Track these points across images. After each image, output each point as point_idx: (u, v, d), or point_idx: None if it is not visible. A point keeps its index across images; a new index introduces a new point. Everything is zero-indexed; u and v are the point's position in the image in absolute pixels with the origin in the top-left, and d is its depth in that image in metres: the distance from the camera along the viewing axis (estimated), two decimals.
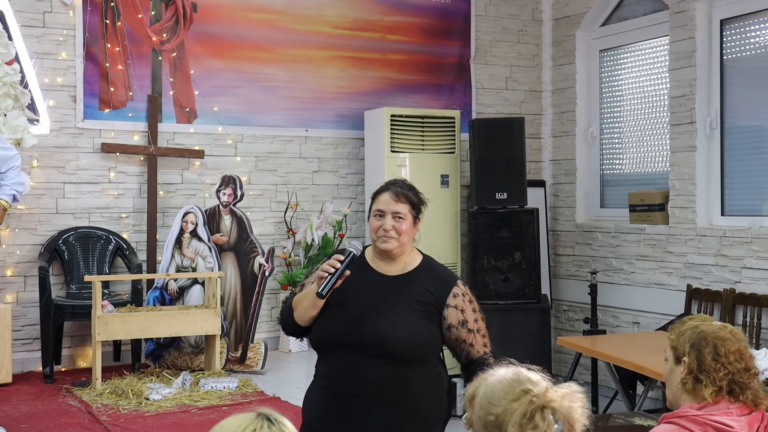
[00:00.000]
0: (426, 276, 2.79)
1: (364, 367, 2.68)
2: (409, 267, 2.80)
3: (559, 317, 6.81)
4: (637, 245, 6.13)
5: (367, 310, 2.72)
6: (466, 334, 2.75)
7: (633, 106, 6.45)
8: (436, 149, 6.24)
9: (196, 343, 5.48)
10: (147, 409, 4.48)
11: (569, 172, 6.83)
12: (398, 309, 2.72)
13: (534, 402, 1.69)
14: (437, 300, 2.75)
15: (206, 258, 5.51)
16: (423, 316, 2.74)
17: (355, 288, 2.75)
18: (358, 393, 2.65)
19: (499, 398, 1.72)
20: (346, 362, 2.71)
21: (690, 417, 2.13)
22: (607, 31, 6.61)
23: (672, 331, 2.29)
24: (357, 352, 2.68)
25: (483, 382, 1.79)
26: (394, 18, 6.54)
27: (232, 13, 6.05)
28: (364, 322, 2.70)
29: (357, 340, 2.68)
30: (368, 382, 2.68)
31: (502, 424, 1.69)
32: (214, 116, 5.99)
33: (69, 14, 5.58)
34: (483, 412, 1.73)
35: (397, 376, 2.69)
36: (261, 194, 6.14)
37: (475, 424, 1.74)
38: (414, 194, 2.82)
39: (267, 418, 1.50)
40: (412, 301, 2.74)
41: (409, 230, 2.77)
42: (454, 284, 2.79)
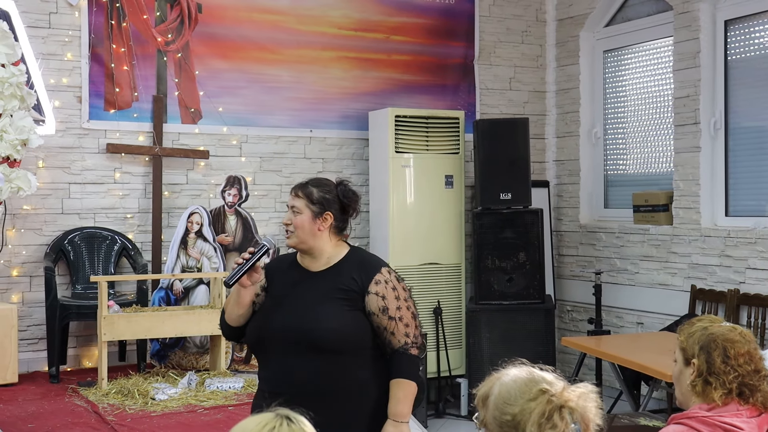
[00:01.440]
0: (350, 265, 2.78)
1: (296, 364, 2.69)
2: (333, 260, 2.80)
3: (563, 318, 6.82)
4: (641, 246, 6.14)
5: (292, 305, 2.75)
6: (387, 322, 2.72)
7: (637, 107, 6.46)
8: (440, 150, 6.25)
9: (201, 343, 5.49)
10: (153, 409, 4.49)
11: (573, 173, 6.84)
12: (321, 300, 2.73)
13: (552, 402, 1.70)
14: (360, 287, 2.74)
15: (211, 258, 5.52)
16: (346, 304, 2.73)
17: (282, 286, 2.81)
18: (296, 392, 2.57)
19: (516, 398, 1.72)
20: (278, 361, 2.73)
21: (699, 418, 2.13)
22: (611, 31, 6.63)
23: (681, 332, 2.29)
24: (287, 349, 2.69)
25: (496, 381, 1.80)
26: (398, 19, 6.55)
27: (236, 13, 6.06)
28: (288, 317, 2.72)
29: (284, 335, 2.70)
30: (303, 379, 2.67)
31: (519, 423, 1.70)
32: (218, 117, 6.00)
33: (74, 15, 5.59)
34: (498, 412, 1.73)
35: (332, 369, 2.68)
36: (266, 194, 6.15)
37: (489, 423, 1.75)
38: (320, 190, 2.80)
39: (286, 417, 1.51)
40: (335, 290, 2.73)
41: (305, 224, 2.76)
42: (377, 271, 2.76)
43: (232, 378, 5.04)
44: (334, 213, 2.79)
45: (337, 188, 2.84)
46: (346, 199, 2.83)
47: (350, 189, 2.87)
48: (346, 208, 2.84)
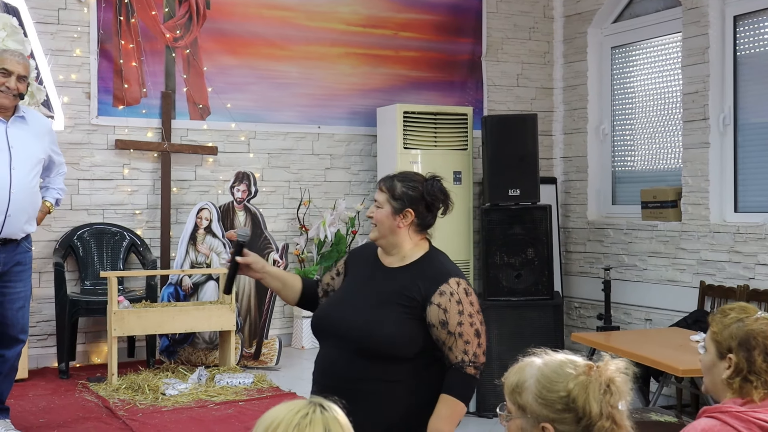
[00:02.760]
0: (420, 269, 2.70)
1: (340, 359, 2.65)
2: (408, 259, 2.73)
3: (571, 314, 6.81)
4: (650, 242, 6.13)
5: (352, 300, 2.71)
6: (446, 336, 2.60)
7: (645, 103, 6.45)
8: (448, 146, 6.25)
9: (210, 339, 5.49)
10: (164, 404, 4.49)
11: (581, 169, 6.83)
12: (382, 303, 2.66)
13: (602, 375, 1.71)
14: (422, 296, 2.63)
15: (220, 254, 5.53)
16: (404, 311, 2.63)
17: (355, 277, 2.79)
18: (334, 385, 2.52)
19: (566, 375, 1.72)
20: (326, 352, 2.72)
21: (734, 413, 2.09)
22: (619, 27, 6.62)
23: (714, 322, 2.23)
24: (335, 343, 2.67)
25: (525, 368, 1.79)
26: (406, 15, 6.55)
27: (245, 9, 6.06)
28: (344, 312, 2.69)
29: (335, 330, 2.68)
30: (342, 376, 2.63)
31: (577, 398, 1.69)
32: (227, 113, 6.00)
33: (83, 11, 5.59)
34: (546, 391, 1.72)
35: (372, 372, 2.60)
36: (274, 191, 6.15)
37: (530, 406, 1.74)
38: (404, 185, 2.73)
39: (320, 405, 1.50)
40: (398, 295, 2.65)
41: (384, 219, 2.71)
42: (444, 281, 2.64)
43: (242, 374, 5.04)
44: (416, 210, 2.71)
45: (424, 184, 2.74)
46: (430, 197, 2.73)
47: (438, 186, 2.75)
48: (431, 206, 2.74)
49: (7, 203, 3.84)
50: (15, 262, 3.97)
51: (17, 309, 3.98)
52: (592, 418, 1.69)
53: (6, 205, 3.84)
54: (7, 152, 3.87)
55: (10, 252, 3.94)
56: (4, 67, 3.88)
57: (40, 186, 4.20)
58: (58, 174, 4.31)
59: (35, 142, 4.01)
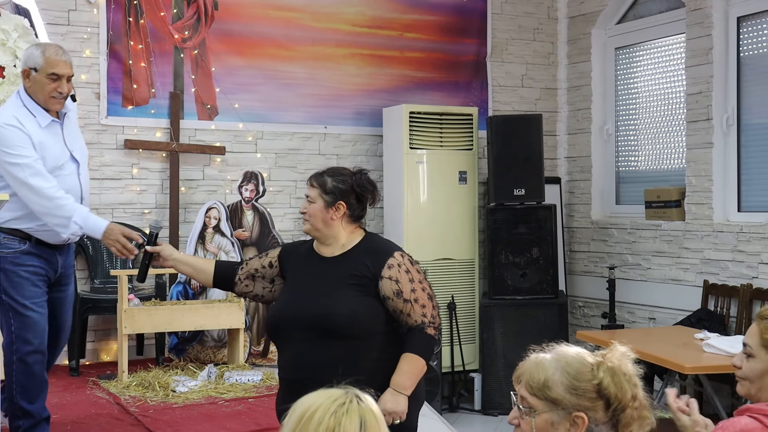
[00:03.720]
0: (363, 251, 2.87)
1: (308, 350, 2.75)
2: (348, 246, 2.89)
3: (575, 313, 6.86)
4: (653, 241, 6.18)
5: (306, 291, 2.84)
6: (402, 305, 2.79)
7: (649, 104, 6.51)
8: (454, 146, 6.30)
9: (219, 337, 5.55)
10: (174, 401, 4.55)
11: (584, 169, 6.89)
12: (334, 286, 2.81)
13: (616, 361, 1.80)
14: (372, 273, 2.81)
15: (229, 253, 5.58)
16: (358, 289, 2.80)
17: (296, 272, 2.92)
18: (310, 377, 2.56)
19: (590, 364, 1.80)
20: (292, 347, 2.81)
21: None
22: (623, 28, 6.67)
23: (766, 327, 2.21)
24: (300, 335, 2.77)
25: (543, 365, 1.83)
26: (411, 16, 6.61)
27: (252, 11, 6.11)
28: (302, 302, 2.81)
29: (296, 321, 2.78)
30: (316, 364, 2.73)
31: (608, 386, 1.78)
32: (234, 113, 6.05)
33: (93, 12, 5.65)
34: (577, 382, 1.79)
35: (344, 354, 2.73)
36: (281, 190, 6.21)
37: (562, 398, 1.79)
38: (334, 180, 2.89)
39: (356, 395, 1.54)
40: (348, 276, 2.82)
41: (317, 213, 2.87)
42: (390, 255, 2.83)
43: (250, 371, 5.10)
44: (347, 202, 2.87)
45: (353, 177, 2.91)
46: (359, 189, 2.90)
47: (366, 178, 2.93)
48: (361, 197, 2.91)
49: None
50: (70, 264, 3.94)
51: (68, 311, 3.97)
52: (624, 403, 1.78)
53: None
54: (71, 159, 3.73)
55: (67, 254, 3.87)
56: (54, 71, 3.61)
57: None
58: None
59: (80, 135, 3.91)
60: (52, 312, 3.82)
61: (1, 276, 3.66)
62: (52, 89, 3.61)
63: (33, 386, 3.71)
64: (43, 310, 3.69)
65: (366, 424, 1.51)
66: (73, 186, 3.71)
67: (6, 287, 3.65)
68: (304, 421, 1.50)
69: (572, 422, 1.78)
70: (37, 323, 3.67)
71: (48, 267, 3.74)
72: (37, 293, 3.67)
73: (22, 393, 3.69)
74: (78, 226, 3.59)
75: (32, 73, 3.63)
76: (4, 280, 3.66)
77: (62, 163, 3.67)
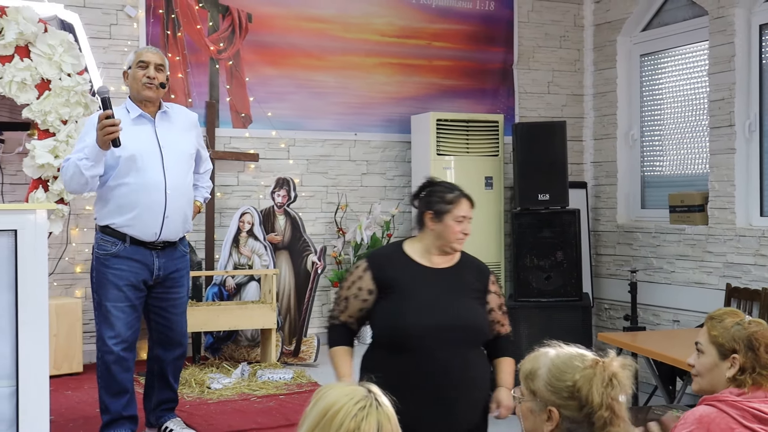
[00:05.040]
0: (469, 266, 3.11)
1: (447, 357, 2.90)
2: (455, 259, 3.08)
3: (601, 315, 6.98)
4: (677, 245, 6.28)
5: (440, 300, 2.96)
6: (501, 316, 3.11)
7: (673, 110, 6.61)
8: (480, 152, 6.47)
9: (252, 336, 5.77)
10: (209, 397, 4.77)
11: (610, 174, 7.00)
12: (465, 296, 3.01)
13: (606, 369, 1.91)
14: (482, 286, 3.08)
15: (262, 256, 5.80)
16: (478, 301, 3.06)
17: (413, 282, 2.97)
18: (444, 383, 2.87)
19: (574, 367, 1.92)
20: (425, 355, 2.87)
21: (729, 402, 2.32)
22: (648, 36, 6.78)
23: (713, 327, 2.46)
24: (437, 344, 2.88)
25: (540, 357, 2.00)
26: (439, 25, 6.78)
27: (285, 22, 6.34)
28: (443, 311, 2.94)
29: (436, 330, 2.88)
30: (452, 371, 2.90)
31: (581, 388, 1.89)
32: (268, 121, 6.28)
33: (133, 26, 5.91)
34: (554, 379, 1.93)
35: (472, 359, 2.98)
36: (312, 195, 6.42)
37: (540, 391, 1.95)
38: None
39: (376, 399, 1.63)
40: (469, 288, 3.04)
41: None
42: (490, 272, 3.14)
43: (282, 369, 5.31)
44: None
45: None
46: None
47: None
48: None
49: (164, 205, 3.79)
50: (174, 268, 3.93)
51: (179, 314, 3.98)
52: (594, 407, 1.89)
53: (163, 208, 3.79)
54: (158, 152, 3.80)
55: (169, 257, 3.89)
56: (142, 59, 3.86)
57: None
58: (206, 171, 4.26)
59: (183, 137, 3.95)
60: (160, 315, 3.90)
61: (94, 274, 3.86)
62: (141, 76, 3.85)
63: (111, 385, 3.84)
64: (122, 314, 3.78)
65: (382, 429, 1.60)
66: (156, 178, 3.78)
67: (96, 285, 3.86)
68: (327, 420, 1.59)
69: (548, 415, 1.93)
70: (114, 326, 3.78)
71: (142, 270, 3.81)
72: (119, 297, 3.77)
73: (103, 388, 3.87)
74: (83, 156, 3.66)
75: (128, 71, 3.95)
76: (95, 279, 3.86)
77: (146, 155, 3.79)
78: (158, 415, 4.08)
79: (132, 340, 3.86)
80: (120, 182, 3.77)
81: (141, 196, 3.77)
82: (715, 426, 2.28)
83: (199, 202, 4.21)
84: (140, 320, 3.94)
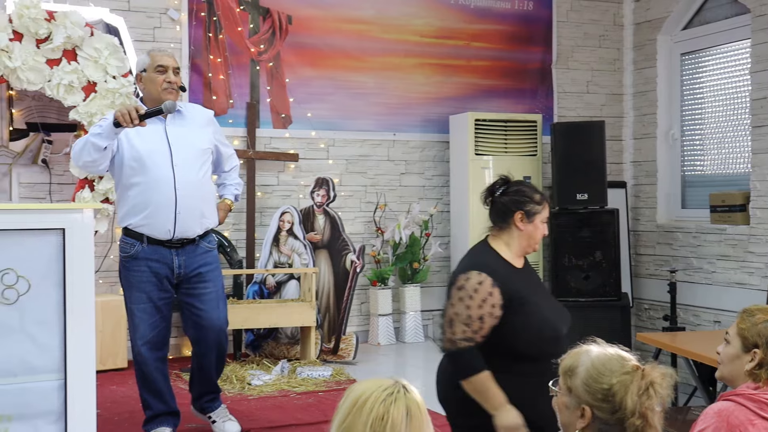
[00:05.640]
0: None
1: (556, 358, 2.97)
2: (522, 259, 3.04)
3: (640, 315, 6.94)
4: (718, 245, 6.23)
5: (553, 301, 3.08)
6: None
7: (714, 108, 6.55)
8: (518, 152, 6.48)
9: (292, 334, 5.85)
10: (250, 393, 4.86)
11: (650, 174, 6.96)
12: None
13: (645, 377, 1.92)
14: None
15: (302, 255, 5.88)
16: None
17: (528, 288, 2.93)
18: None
19: (612, 370, 1.93)
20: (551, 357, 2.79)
21: (746, 395, 2.40)
22: (689, 34, 6.73)
23: (742, 320, 2.53)
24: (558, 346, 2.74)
25: (583, 355, 2.02)
26: (478, 26, 6.80)
27: (324, 24, 6.41)
28: (562, 312, 3.02)
29: (564, 331, 2.93)
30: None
31: (617, 393, 1.91)
32: (307, 122, 6.36)
33: (176, 29, 6.02)
34: (592, 380, 1.95)
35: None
36: (351, 195, 6.48)
37: (576, 389, 1.97)
38: None
39: (404, 386, 1.68)
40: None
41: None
42: None
43: (321, 367, 5.38)
44: None
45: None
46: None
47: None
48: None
49: (174, 202, 3.75)
50: (198, 264, 3.87)
51: (209, 309, 3.90)
52: (626, 414, 1.91)
53: (173, 204, 3.75)
54: (167, 150, 3.78)
55: (190, 254, 3.85)
56: (160, 63, 3.81)
57: (216, 183, 4.16)
58: (233, 168, 4.20)
59: (196, 133, 3.89)
60: (190, 311, 3.89)
61: (120, 276, 3.93)
62: (161, 81, 3.81)
63: (146, 383, 3.92)
64: (145, 315, 3.83)
65: (411, 414, 1.64)
66: (165, 175, 3.76)
67: (123, 287, 3.94)
68: (357, 408, 1.64)
69: (581, 413, 1.96)
70: (138, 327, 3.85)
71: (162, 270, 3.81)
72: (141, 298, 3.82)
73: (141, 386, 3.96)
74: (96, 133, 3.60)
75: (143, 75, 3.88)
76: (121, 281, 3.93)
77: (155, 153, 3.79)
78: (202, 406, 4.12)
79: (157, 340, 3.88)
80: (132, 182, 3.80)
81: (152, 195, 3.76)
82: (734, 418, 2.33)
83: (229, 200, 4.17)
84: (167, 319, 3.95)
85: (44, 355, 3.13)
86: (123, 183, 3.84)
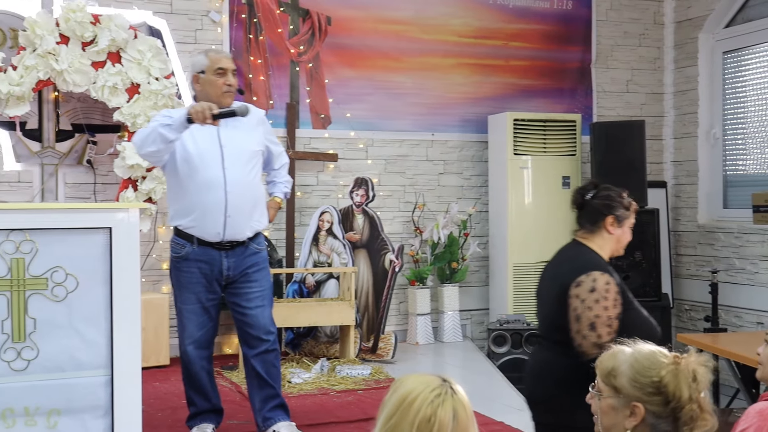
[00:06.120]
0: None
1: None
2: None
3: (681, 316, 6.88)
4: (761, 246, 6.15)
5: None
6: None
7: (757, 107, 6.47)
8: (557, 152, 6.46)
9: (331, 333, 5.90)
10: (290, 391, 4.90)
11: (691, 173, 6.90)
12: None
13: (688, 365, 1.95)
14: None
15: (341, 254, 5.92)
16: None
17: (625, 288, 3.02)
18: None
19: (659, 363, 1.96)
20: None
21: None
22: (731, 32, 6.65)
23: None
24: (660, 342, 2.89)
25: (617, 355, 2.02)
26: (516, 25, 6.80)
27: (363, 25, 6.45)
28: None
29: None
30: None
31: (668, 384, 1.93)
32: (346, 122, 6.40)
33: (217, 31, 6.10)
34: (639, 375, 1.96)
35: None
36: (390, 195, 6.51)
37: (623, 387, 1.97)
38: None
39: (451, 387, 1.69)
40: None
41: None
42: None
43: (360, 365, 5.41)
44: None
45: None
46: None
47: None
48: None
49: (224, 204, 3.73)
50: (246, 266, 3.87)
51: (255, 308, 3.90)
52: (682, 402, 1.92)
53: (224, 206, 3.73)
54: (218, 151, 3.76)
55: (239, 256, 3.85)
56: (220, 66, 3.77)
57: (266, 181, 4.14)
58: (282, 166, 4.17)
59: (248, 134, 3.86)
60: (236, 311, 3.93)
61: (171, 275, 3.98)
62: (221, 84, 3.76)
63: (191, 380, 3.98)
64: (193, 315, 3.88)
65: (457, 416, 1.66)
66: (216, 177, 3.74)
67: (173, 286, 3.99)
68: (404, 407, 1.65)
69: (631, 411, 1.96)
70: (185, 326, 3.91)
71: (211, 271, 3.82)
72: (190, 299, 3.87)
73: (186, 383, 4.02)
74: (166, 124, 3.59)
75: (201, 76, 3.80)
76: (172, 280, 3.98)
77: (206, 154, 3.79)
78: (265, 416, 4.01)
79: (203, 340, 3.92)
80: (183, 183, 3.81)
81: (202, 197, 3.75)
82: None
83: (279, 198, 4.18)
84: (214, 320, 3.99)
85: (92, 351, 3.21)
86: (173, 182, 3.85)
